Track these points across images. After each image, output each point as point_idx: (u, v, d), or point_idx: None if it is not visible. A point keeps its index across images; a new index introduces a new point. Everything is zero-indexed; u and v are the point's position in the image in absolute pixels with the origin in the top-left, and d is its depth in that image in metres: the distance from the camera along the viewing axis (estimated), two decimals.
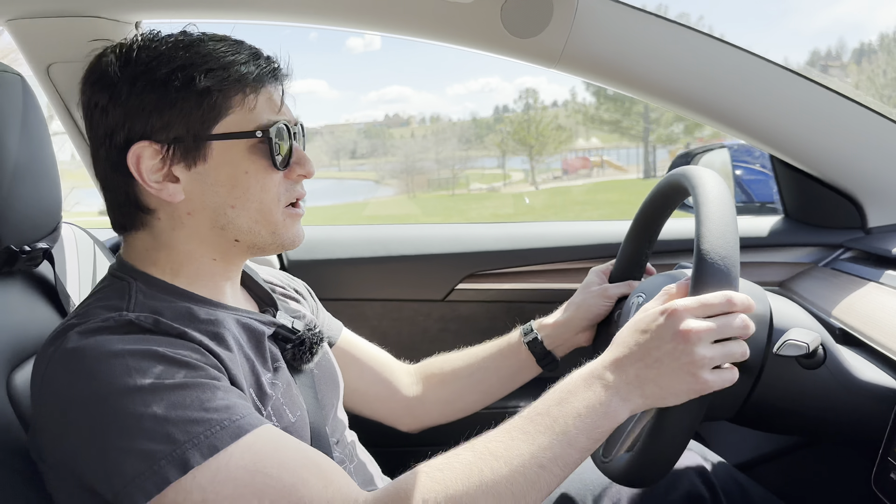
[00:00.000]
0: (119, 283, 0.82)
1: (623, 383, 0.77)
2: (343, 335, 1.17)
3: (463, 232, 1.68)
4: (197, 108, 0.78)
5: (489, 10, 1.22)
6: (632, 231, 1.14)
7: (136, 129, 0.79)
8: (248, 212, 0.83)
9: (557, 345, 1.18)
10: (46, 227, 0.97)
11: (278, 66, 0.86)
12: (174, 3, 1.25)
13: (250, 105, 0.81)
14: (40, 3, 1.22)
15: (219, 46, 0.81)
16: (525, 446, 0.74)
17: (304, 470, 0.70)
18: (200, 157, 0.80)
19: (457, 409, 1.21)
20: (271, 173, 0.83)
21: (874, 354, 0.97)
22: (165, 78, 0.78)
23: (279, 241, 0.86)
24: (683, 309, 0.77)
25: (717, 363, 0.76)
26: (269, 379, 0.84)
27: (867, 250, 1.33)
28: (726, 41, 1.29)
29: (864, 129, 1.34)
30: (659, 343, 0.77)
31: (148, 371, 0.68)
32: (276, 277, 1.10)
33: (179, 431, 0.66)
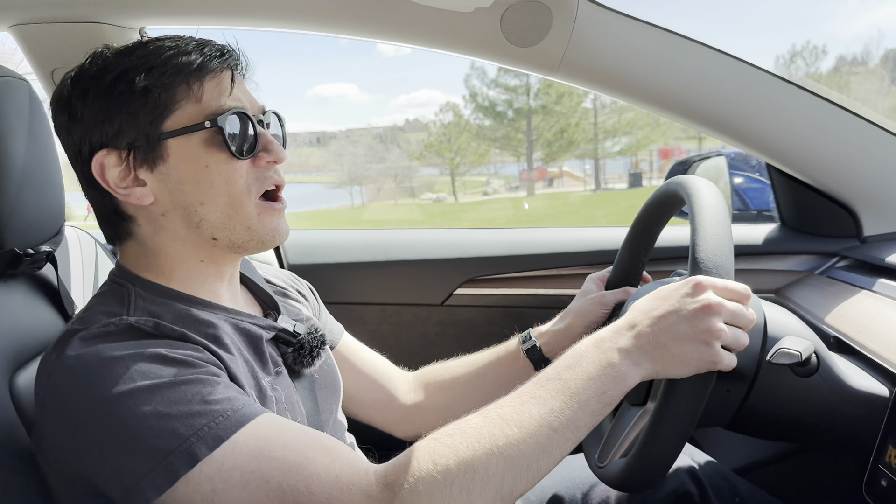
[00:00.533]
0: (118, 289, 0.83)
1: (635, 347, 0.78)
2: (344, 340, 1.18)
3: (462, 237, 1.69)
4: (142, 109, 0.79)
5: (489, 19, 1.23)
6: (629, 238, 1.15)
7: (94, 141, 0.80)
8: (218, 206, 0.82)
9: (556, 352, 1.18)
10: (50, 230, 0.98)
11: (227, 52, 0.84)
12: (177, 9, 1.26)
13: (197, 95, 0.80)
14: (45, 8, 1.23)
15: (164, 44, 0.81)
16: (536, 410, 0.74)
17: (308, 449, 0.70)
18: (159, 157, 0.80)
19: (455, 416, 1.20)
20: (233, 163, 0.81)
21: (867, 363, 0.98)
22: (110, 85, 0.79)
23: (256, 236, 0.84)
24: (708, 283, 0.78)
25: (727, 342, 0.77)
26: (269, 382, 0.85)
27: (862, 259, 1.34)
28: (724, 51, 1.30)
29: (860, 138, 1.35)
30: (679, 308, 0.77)
31: (149, 372, 0.69)
32: (280, 277, 1.11)
33: (183, 426, 0.67)
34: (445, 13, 1.21)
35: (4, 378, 0.84)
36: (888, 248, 1.30)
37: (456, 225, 20.39)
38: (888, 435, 0.81)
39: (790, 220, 1.57)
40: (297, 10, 1.25)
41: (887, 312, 1.07)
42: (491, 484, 0.70)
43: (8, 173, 0.88)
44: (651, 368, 0.77)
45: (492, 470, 0.70)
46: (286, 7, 1.24)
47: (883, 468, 0.80)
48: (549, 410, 0.74)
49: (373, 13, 1.23)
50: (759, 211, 1.93)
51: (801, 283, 1.45)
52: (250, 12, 1.26)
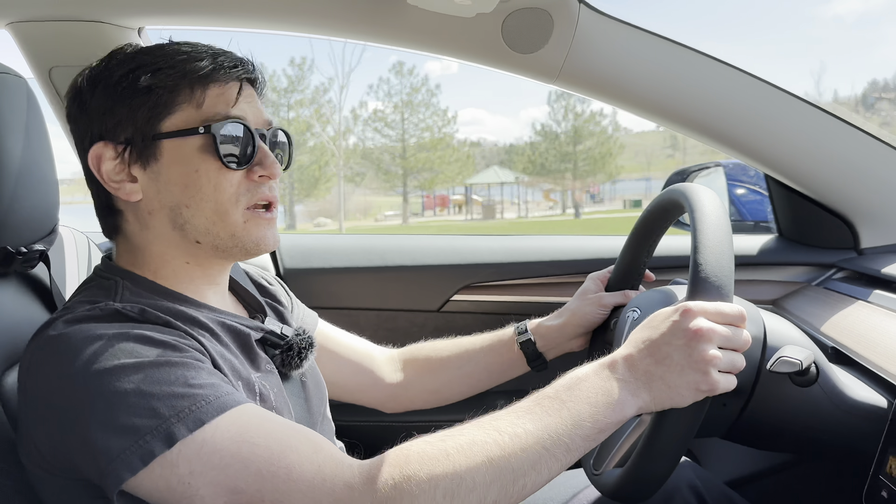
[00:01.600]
0: (105, 282, 0.83)
1: (632, 378, 0.78)
2: (319, 328, 1.16)
3: (459, 243, 1.68)
4: (143, 106, 0.79)
5: (490, 25, 1.23)
6: (630, 241, 1.15)
7: (95, 132, 0.81)
8: (203, 212, 0.82)
9: (549, 348, 1.18)
10: (43, 228, 0.97)
11: (240, 64, 0.84)
12: (176, 9, 1.26)
13: (198, 101, 0.81)
14: (43, 6, 1.22)
15: (181, 48, 0.82)
16: (531, 426, 0.73)
17: (291, 438, 0.70)
18: (153, 155, 0.81)
19: (442, 398, 1.21)
20: (225, 172, 0.81)
21: (866, 373, 0.98)
22: (118, 80, 0.80)
23: (240, 244, 0.84)
24: (698, 309, 0.77)
25: (723, 367, 0.77)
26: (259, 379, 0.84)
27: (859, 270, 1.35)
28: (724, 61, 1.30)
29: (858, 151, 1.35)
30: (670, 339, 0.77)
31: (132, 351, 0.69)
32: (261, 276, 1.10)
33: (164, 406, 0.66)
34: (447, 18, 1.21)
35: None
36: (886, 260, 1.30)
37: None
38: (888, 446, 0.81)
39: (788, 232, 1.57)
40: (299, 13, 1.25)
41: (885, 324, 1.07)
42: (475, 493, 0.69)
43: (4, 171, 0.87)
44: (649, 400, 0.77)
45: (479, 479, 0.69)
46: (287, 9, 1.24)
47: (883, 479, 0.80)
48: (543, 427, 0.74)
49: (375, 17, 1.23)
50: (756, 222, 1.93)
51: (799, 294, 1.45)
52: (251, 13, 1.26)
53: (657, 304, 0.96)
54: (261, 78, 0.88)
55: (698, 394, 0.76)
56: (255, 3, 1.23)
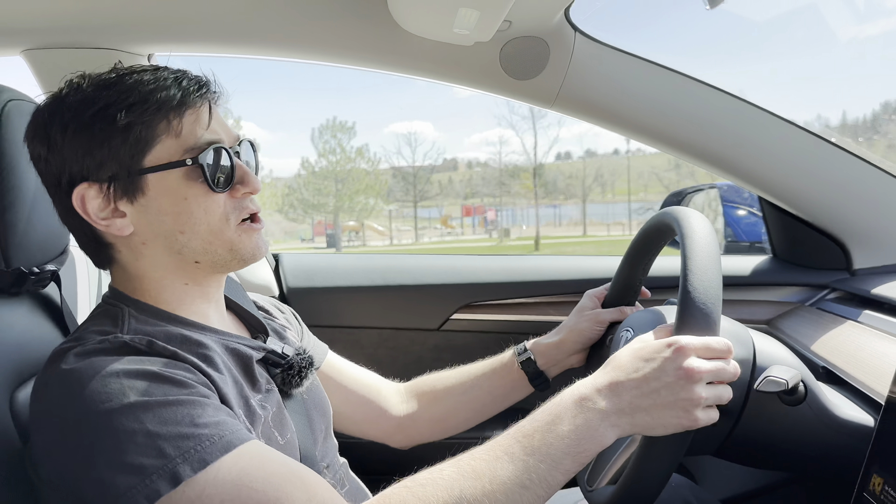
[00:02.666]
0: (112, 310, 0.85)
1: (615, 409, 0.78)
2: (328, 359, 1.18)
3: (459, 263, 1.71)
4: (123, 144, 0.80)
5: (489, 52, 1.27)
6: (626, 258, 1.17)
7: (75, 173, 0.81)
8: (199, 234, 0.84)
9: (550, 365, 1.20)
10: (55, 249, 1.00)
11: (204, 85, 0.85)
12: (184, 37, 1.30)
13: (176, 130, 0.82)
14: (56, 35, 1.26)
15: (143, 77, 0.82)
16: (510, 466, 0.75)
17: (288, 484, 0.71)
18: (139, 190, 0.81)
19: (449, 427, 1.22)
20: (212, 196, 0.83)
21: (854, 392, 1.00)
22: (91, 120, 0.80)
23: (238, 256, 0.87)
24: (689, 347, 0.79)
25: (708, 403, 0.79)
26: (259, 401, 0.86)
27: (852, 291, 1.37)
28: (716, 87, 1.34)
29: (850, 174, 1.38)
30: (660, 375, 0.78)
31: (141, 389, 0.70)
32: (265, 303, 1.12)
33: (171, 446, 0.68)
34: (447, 46, 1.24)
35: (5, 394, 0.86)
36: (877, 281, 1.32)
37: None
38: (872, 464, 0.82)
39: (782, 253, 1.59)
40: (302, 41, 1.29)
41: (874, 343, 1.09)
42: None
43: (21, 196, 0.90)
44: (630, 429, 0.79)
45: None
46: (293, 37, 1.28)
47: (868, 496, 0.81)
48: (522, 468, 0.75)
49: (376, 45, 1.27)
50: (751, 242, 1.95)
51: (792, 315, 1.47)
52: (255, 41, 1.30)
53: (650, 326, 0.98)
54: (219, 92, 0.88)
55: (679, 428, 0.78)
56: (259, 32, 1.27)
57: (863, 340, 1.13)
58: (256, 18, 1.24)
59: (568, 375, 1.14)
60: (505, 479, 0.74)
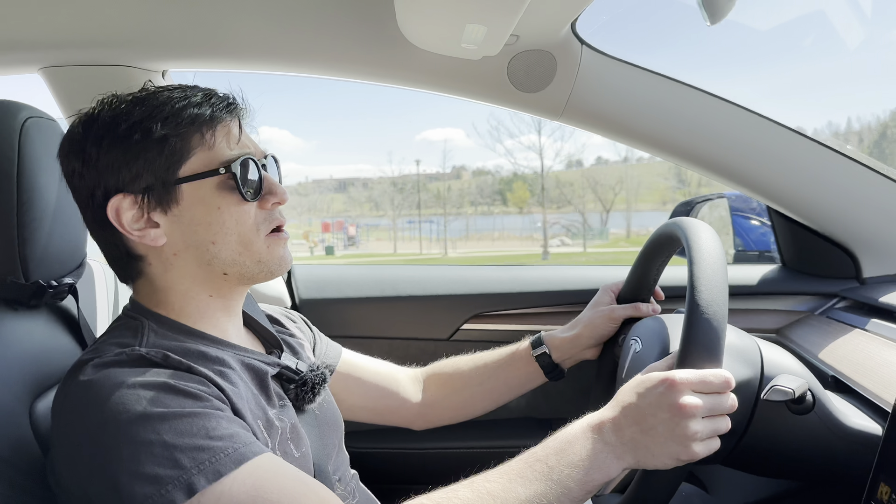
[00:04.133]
0: (132, 322, 0.87)
1: (619, 443, 0.81)
2: (343, 357, 1.21)
3: (469, 273, 1.72)
4: (159, 156, 0.83)
5: (497, 66, 1.29)
6: (639, 258, 1.18)
7: (110, 185, 0.84)
8: (230, 245, 0.86)
9: (565, 358, 1.24)
10: (72, 263, 1.02)
11: (233, 102, 0.89)
12: (198, 53, 1.32)
13: (209, 143, 0.85)
14: (73, 52, 1.29)
15: (174, 94, 0.86)
16: (522, 490, 0.77)
17: (301, 497, 0.73)
18: (173, 200, 0.84)
19: (467, 413, 1.27)
20: (244, 205, 0.86)
21: (863, 401, 1.00)
22: (126, 133, 0.83)
23: (266, 268, 0.89)
24: (683, 382, 0.80)
25: (706, 437, 0.80)
26: (276, 414, 0.88)
27: (861, 300, 1.37)
28: (723, 98, 1.35)
29: (858, 183, 1.38)
30: (655, 411, 0.80)
31: (157, 400, 0.72)
32: (278, 313, 1.14)
33: (186, 458, 0.69)
34: (455, 60, 1.26)
35: (25, 405, 0.88)
36: (887, 290, 1.33)
37: None
38: (880, 472, 0.83)
39: (791, 262, 1.59)
40: (313, 56, 1.31)
41: (883, 352, 1.09)
42: None
43: (40, 212, 0.93)
44: (633, 463, 0.81)
45: None
46: (304, 53, 1.30)
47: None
48: (534, 492, 0.77)
49: (386, 59, 1.29)
50: (760, 251, 1.96)
51: (801, 324, 1.47)
52: (267, 57, 1.32)
53: (656, 336, 0.99)
54: (248, 108, 0.92)
55: (679, 462, 0.80)
56: (271, 48, 1.29)
57: (871, 349, 1.13)
58: (268, 35, 1.27)
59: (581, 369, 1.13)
60: (517, 502, 0.76)
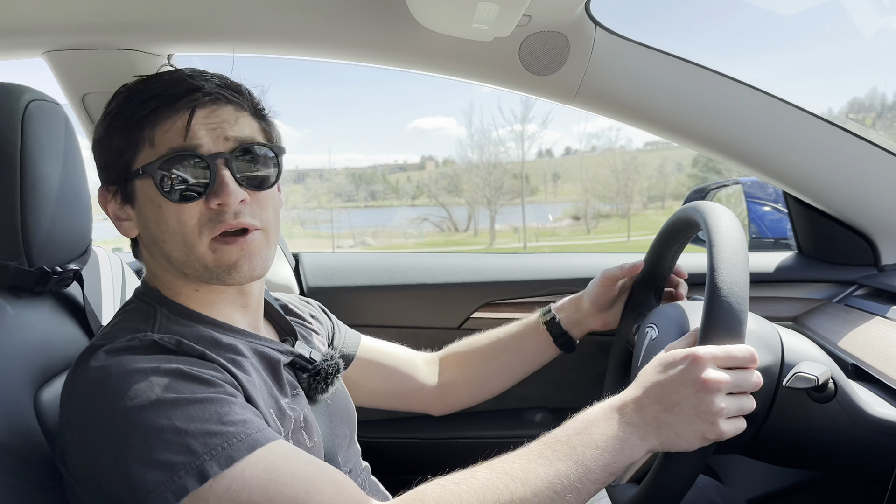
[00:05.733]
0: (145, 307, 0.86)
1: (642, 423, 0.78)
2: (363, 343, 1.21)
3: (479, 262, 1.70)
4: (117, 151, 0.84)
5: (508, 48, 1.26)
6: (655, 243, 1.16)
7: (100, 177, 0.88)
8: (176, 245, 0.83)
9: (572, 325, 1.22)
10: (77, 249, 1.01)
11: (193, 91, 0.82)
12: (203, 37, 1.30)
13: (150, 140, 0.82)
14: (77, 36, 1.27)
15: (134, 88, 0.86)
16: (542, 470, 0.75)
17: (316, 479, 0.72)
18: (133, 196, 0.85)
19: (484, 391, 1.26)
20: (183, 206, 0.82)
21: (886, 389, 0.97)
22: (98, 132, 0.87)
23: (213, 274, 0.83)
24: (706, 357, 0.78)
25: (731, 414, 0.77)
26: (288, 403, 0.87)
27: (880, 287, 1.34)
28: (740, 80, 1.32)
29: (877, 167, 1.35)
30: (679, 388, 0.78)
31: (169, 386, 0.71)
32: (292, 302, 1.13)
33: (198, 443, 0.68)
34: (466, 42, 1.24)
35: (29, 393, 0.86)
36: None
37: None
38: None
39: (807, 249, 1.56)
40: (323, 40, 1.28)
41: None
42: None
43: (43, 196, 0.91)
44: (658, 444, 0.78)
45: None
46: (312, 36, 1.28)
47: None
48: (554, 473, 0.75)
49: (396, 42, 1.27)
50: (776, 239, 1.93)
51: (819, 311, 1.44)
52: (276, 41, 1.30)
53: (673, 322, 0.96)
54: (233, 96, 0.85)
55: (705, 441, 0.77)
56: (278, 31, 1.27)
57: (892, 336, 1.10)
58: (275, 18, 1.24)
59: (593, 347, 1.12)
60: (538, 483, 0.74)
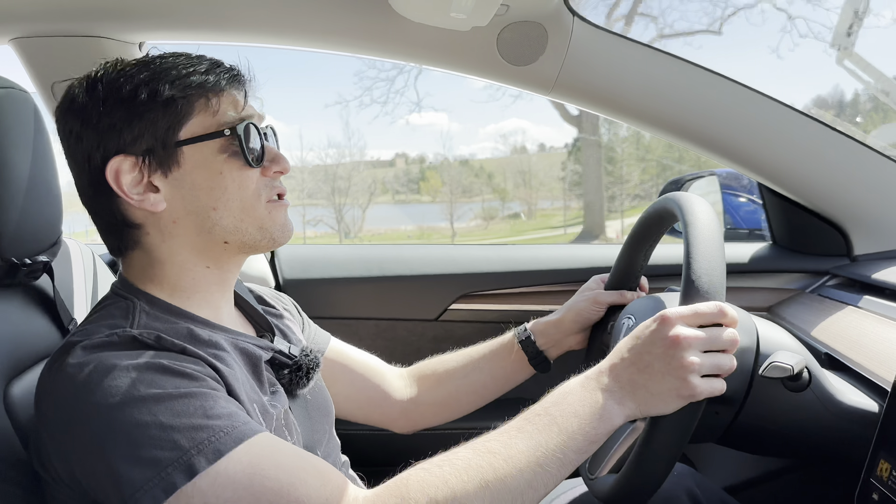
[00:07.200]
0: (123, 302, 0.83)
1: (617, 387, 0.79)
2: (331, 345, 1.18)
3: (457, 253, 1.70)
4: (163, 117, 0.81)
5: (486, 38, 1.25)
6: (627, 243, 1.16)
7: (109, 147, 0.81)
8: (231, 211, 0.84)
9: (550, 345, 1.19)
10: (47, 240, 0.98)
11: (238, 73, 0.87)
12: (176, 24, 1.28)
13: (214, 108, 0.83)
14: (46, 22, 1.24)
15: (179, 60, 0.84)
16: (523, 444, 0.75)
17: (300, 471, 0.71)
18: (174, 163, 0.82)
19: (452, 411, 1.21)
20: (246, 171, 0.84)
21: (858, 378, 0.99)
22: (131, 93, 0.80)
23: (268, 235, 0.87)
24: (675, 316, 0.79)
25: (705, 371, 0.78)
26: (269, 401, 0.86)
27: (853, 277, 1.36)
28: (716, 72, 1.33)
29: (850, 159, 1.37)
30: (650, 347, 0.79)
31: (151, 382, 0.70)
32: (266, 294, 1.11)
33: (185, 438, 0.67)
34: (442, 31, 1.23)
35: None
36: (878, 267, 1.32)
37: None
38: (879, 449, 0.82)
39: (782, 239, 1.58)
40: (296, 28, 1.27)
41: (877, 329, 1.08)
42: None
43: (11, 185, 0.89)
44: (635, 408, 0.79)
45: (477, 503, 0.71)
46: (287, 24, 1.26)
47: (874, 482, 0.81)
48: (535, 445, 0.75)
49: (371, 31, 1.25)
50: (750, 230, 1.95)
51: (793, 301, 1.46)
52: (249, 29, 1.28)
53: (651, 312, 0.97)
54: (253, 81, 0.90)
55: (681, 399, 0.77)
56: (252, 19, 1.25)
57: (865, 326, 1.12)
58: (249, 6, 1.23)
59: (569, 360, 1.13)
60: (521, 458, 0.74)
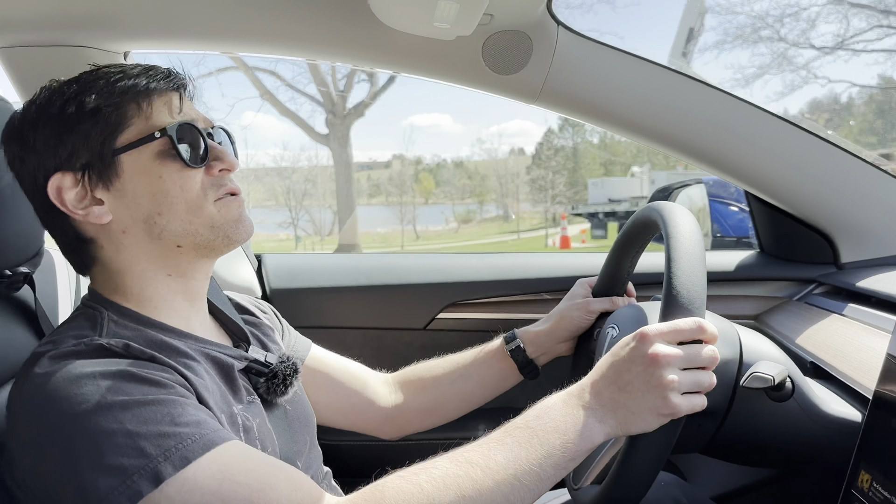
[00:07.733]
0: (91, 313, 0.83)
1: (599, 406, 0.79)
2: (312, 352, 1.16)
3: (444, 262, 1.69)
4: (94, 129, 0.80)
5: (471, 47, 1.25)
6: (613, 251, 1.16)
7: (49, 166, 0.81)
8: (177, 214, 0.83)
9: (539, 353, 1.19)
10: (28, 251, 0.98)
11: (173, 75, 0.86)
12: (160, 34, 1.27)
13: (146, 113, 0.82)
14: (30, 32, 1.23)
15: (111, 69, 0.84)
16: (502, 457, 0.74)
17: (271, 477, 0.70)
18: (114, 174, 0.81)
19: (438, 417, 1.20)
20: (187, 172, 0.83)
21: (842, 387, 0.99)
22: (60, 109, 0.81)
23: (221, 233, 0.85)
24: (654, 333, 0.78)
25: (685, 389, 0.77)
26: (241, 411, 0.84)
27: (839, 285, 1.36)
28: (701, 80, 1.33)
29: (837, 167, 1.37)
30: (630, 366, 0.78)
31: (118, 389, 0.69)
32: (245, 300, 1.10)
33: (151, 445, 0.67)
34: (428, 41, 1.23)
35: None
36: (865, 275, 1.32)
37: None
38: (860, 459, 0.81)
39: (769, 247, 1.58)
40: (280, 36, 1.26)
41: (862, 337, 1.08)
42: None
43: None
44: (615, 426, 0.78)
45: None
46: (271, 33, 1.26)
47: (855, 493, 0.80)
48: (514, 458, 0.75)
49: (355, 40, 1.25)
50: (738, 237, 1.95)
51: (780, 310, 1.46)
52: (235, 38, 1.28)
53: (634, 322, 0.97)
54: (191, 85, 0.90)
55: (661, 417, 0.77)
56: (237, 28, 1.25)
57: (850, 335, 1.12)
58: (234, 14, 1.22)
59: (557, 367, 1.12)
60: (499, 470, 0.73)
